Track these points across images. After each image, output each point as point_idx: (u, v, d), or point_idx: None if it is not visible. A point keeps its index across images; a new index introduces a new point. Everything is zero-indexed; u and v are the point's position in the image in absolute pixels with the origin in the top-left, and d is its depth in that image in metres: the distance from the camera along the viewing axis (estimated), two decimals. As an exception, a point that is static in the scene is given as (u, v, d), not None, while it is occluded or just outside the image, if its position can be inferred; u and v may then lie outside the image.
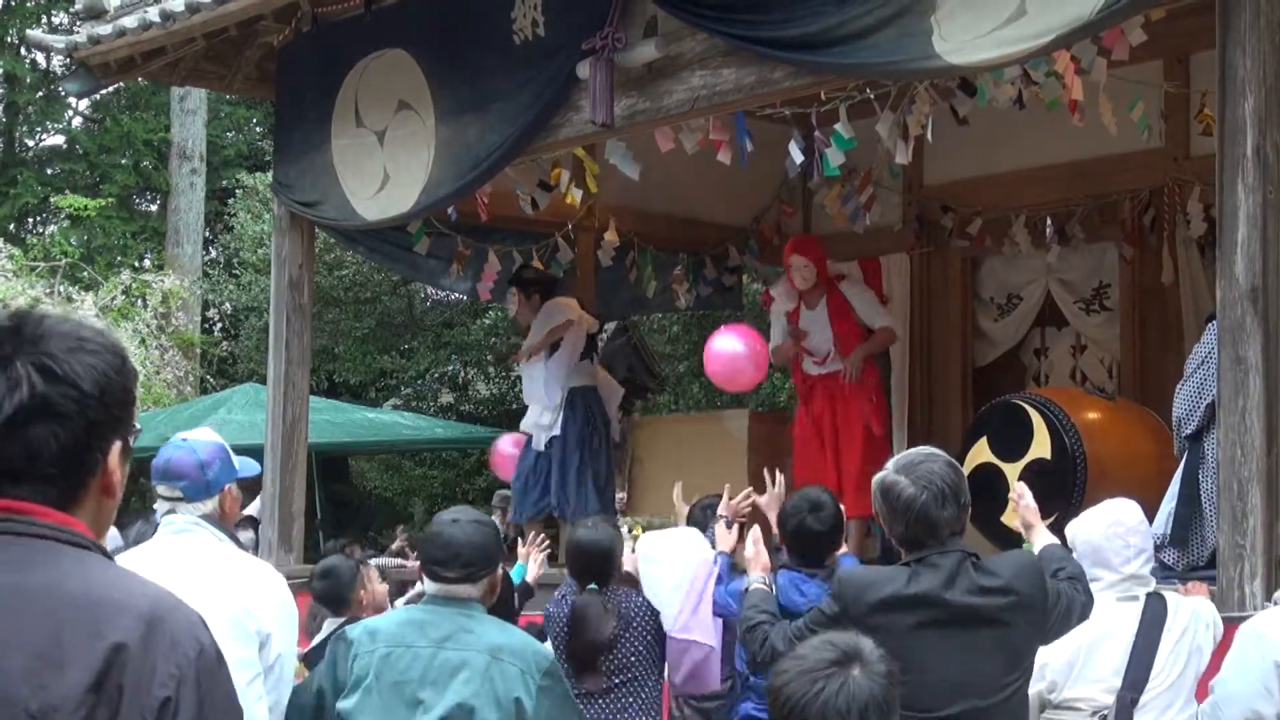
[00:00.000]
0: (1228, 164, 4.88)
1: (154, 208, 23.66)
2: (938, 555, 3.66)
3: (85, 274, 17.88)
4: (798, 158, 7.13)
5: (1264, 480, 4.76)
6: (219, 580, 3.51)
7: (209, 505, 3.80)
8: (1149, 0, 5.31)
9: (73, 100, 22.90)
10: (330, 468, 18.10)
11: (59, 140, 24.26)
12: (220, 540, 3.77)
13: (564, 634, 5.20)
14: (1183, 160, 8.10)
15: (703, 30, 6.34)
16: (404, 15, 7.77)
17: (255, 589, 3.58)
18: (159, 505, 3.84)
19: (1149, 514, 5.35)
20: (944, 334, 9.40)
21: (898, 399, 9.26)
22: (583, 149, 7.93)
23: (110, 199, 20.29)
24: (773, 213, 9.97)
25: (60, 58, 10.43)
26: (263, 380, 11.37)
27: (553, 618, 5.29)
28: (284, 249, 8.64)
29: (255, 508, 9.18)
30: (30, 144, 24.44)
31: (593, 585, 5.25)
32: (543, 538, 6.28)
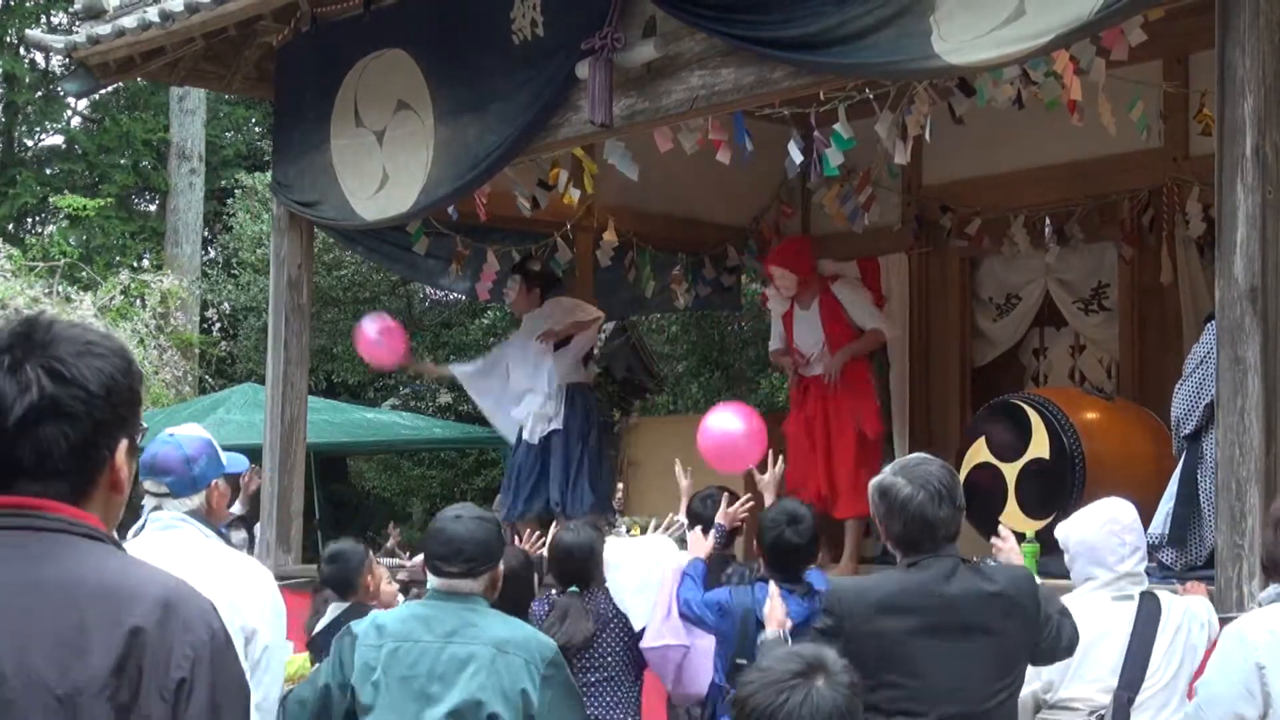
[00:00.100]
0: (1227, 164, 4.88)
1: (153, 208, 23.68)
2: (933, 559, 3.72)
3: (84, 274, 17.89)
4: (797, 158, 7.12)
5: (1262, 480, 4.76)
6: (204, 576, 3.49)
7: (195, 500, 3.81)
8: (1148, 0, 5.30)
9: (72, 100, 22.92)
10: (329, 468, 18.12)
11: (58, 140, 24.28)
12: (206, 536, 3.77)
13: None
14: (1182, 160, 8.09)
15: (702, 30, 6.33)
16: (403, 15, 7.77)
17: (240, 585, 3.58)
18: (146, 501, 3.84)
19: (1147, 514, 5.37)
20: (943, 334, 9.39)
21: (897, 399, 9.25)
22: (582, 149, 7.92)
23: (109, 199, 20.31)
24: (772, 213, 9.96)
25: (59, 58, 10.42)
26: (261, 380, 11.39)
27: (534, 616, 5.35)
28: (283, 249, 8.64)
29: (238, 507, 9.14)
30: (29, 144, 24.46)
31: (573, 588, 5.35)
32: (538, 535, 6.31)
